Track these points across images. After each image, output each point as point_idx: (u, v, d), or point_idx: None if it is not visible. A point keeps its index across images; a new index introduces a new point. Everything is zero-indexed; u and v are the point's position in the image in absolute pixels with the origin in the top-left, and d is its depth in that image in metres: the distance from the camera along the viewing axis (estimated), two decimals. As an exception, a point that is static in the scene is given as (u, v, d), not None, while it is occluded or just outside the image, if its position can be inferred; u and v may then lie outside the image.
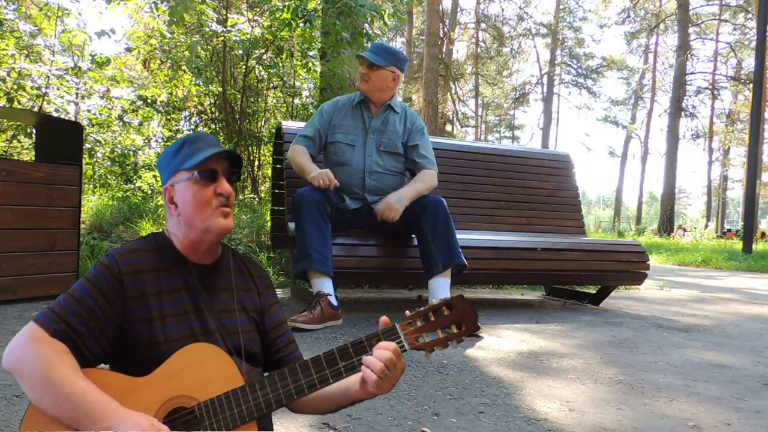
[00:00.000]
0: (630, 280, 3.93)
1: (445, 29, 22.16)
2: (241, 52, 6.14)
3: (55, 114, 6.16)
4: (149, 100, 7.31)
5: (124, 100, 7.21)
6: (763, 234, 24.55)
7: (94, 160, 7.22)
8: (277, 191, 3.71)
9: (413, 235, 3.03)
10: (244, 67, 6.94)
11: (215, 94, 7.20)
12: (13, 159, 4.68)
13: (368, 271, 3.01)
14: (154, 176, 7.69)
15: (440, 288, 2.82)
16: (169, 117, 7.72)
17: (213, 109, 7.49)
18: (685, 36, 23.55)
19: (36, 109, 6.02)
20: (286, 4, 5.80)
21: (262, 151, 7.54)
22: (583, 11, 33.36)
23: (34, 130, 5.30)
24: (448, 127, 26.06)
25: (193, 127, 7.86)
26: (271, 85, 7.60)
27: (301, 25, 5.74)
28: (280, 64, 7.08)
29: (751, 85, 17.92)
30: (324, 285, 2.74)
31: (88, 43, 7.27)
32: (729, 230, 28.03)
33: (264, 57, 6.66)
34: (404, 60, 3.05)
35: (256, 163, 7.56)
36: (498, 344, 2.66)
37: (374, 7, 5.42)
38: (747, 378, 2.28)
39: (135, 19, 7.27)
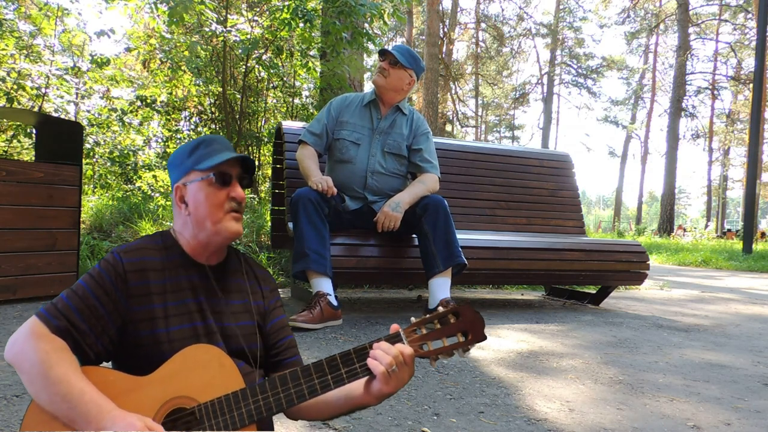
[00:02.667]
0: (630, 280, 3.92)
1: (445, 29, 22.14)
2: (240, 51, 6.13)
3: (55, 114, 6.16)
4: (148, 101, 7.30)
5: (123, 100, 7.21)
6: (763, 234, 24.60)
7: (94, 160, 7.22)
8: (277, 191, 3.71)
9: (413, 235, 3.03)
10: (244, 67, 6.93)
11: (215, 94, 7.20)
12: (13, 159, 4.67)
13: (368, 271, 3.01)
14: (154, 176, 7.69)
15: (440, 288, 2.82)
16: (169, 117, 7.72)
17: (213, 109, 7.49)
18: (685, 36, 23.55)
19: (36, 109, 6.02)
20: (286, 3, 5.80)
21: (262, 151, 7.55)
22: (583, 11, 33.47)
23: (34, 130, 5.30)
24: (448, 127, 26.04)
25: (193, 127, 7.86)
26: (271, 85, 7.60)
27: (301, 24, 5.74)
28: (280, 64, 7.07)
29: (751, 85, 17.92)
30: (323, 285, 2.73)
31: (88, 43, 7.27)
32: (729, 230, 28.07)
33: (264, 57, 6.66)
34: (423, 68, 3.07)
35: (256, 163, 7.56)
36: (498, 344, 2.66)
37: (374, 6, 5.42)
38: (747, 378, 2.28)
39: (135, 19, 7.27)
